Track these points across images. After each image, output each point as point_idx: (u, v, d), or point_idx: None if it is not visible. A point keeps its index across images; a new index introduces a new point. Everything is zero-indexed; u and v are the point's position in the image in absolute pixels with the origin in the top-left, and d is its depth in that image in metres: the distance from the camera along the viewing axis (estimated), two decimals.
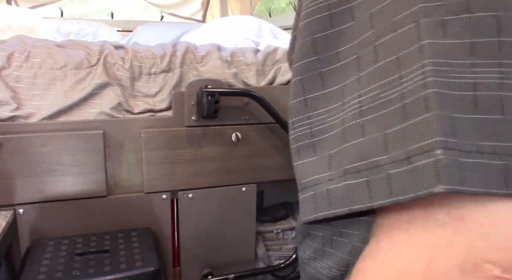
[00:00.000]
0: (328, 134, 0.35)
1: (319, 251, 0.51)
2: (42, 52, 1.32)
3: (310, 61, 0.36)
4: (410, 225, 0.30)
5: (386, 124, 0.29)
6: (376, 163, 0.30)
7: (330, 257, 0.48)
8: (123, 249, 1.21)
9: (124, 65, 1.36)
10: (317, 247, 0.51)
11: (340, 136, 0.33)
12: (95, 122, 1.30)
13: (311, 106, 0.36)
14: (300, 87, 0.37)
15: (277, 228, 1.60)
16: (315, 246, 0.51)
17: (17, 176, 1.25)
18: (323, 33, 0.35)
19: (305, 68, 0.36)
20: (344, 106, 0.33)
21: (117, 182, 1.35)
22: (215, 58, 1.46)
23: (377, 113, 0.30)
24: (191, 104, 1.37)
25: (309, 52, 0.36)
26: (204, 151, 1.41)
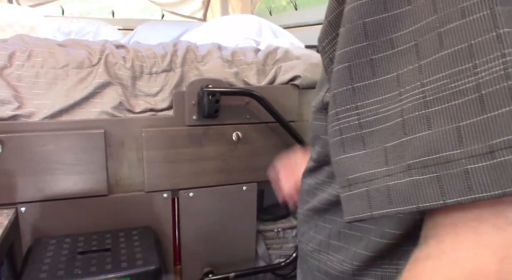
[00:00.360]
0: (382, 125, 0.32)
1: (324, 243, 0.52)
2: (44, 51, 1.32)
3: (360, 47, 0.33)
4: (479, 224, 0.28)
5: (458, 116, 0.27)
6: (448, 158, 0.28)
7: (339, 250, 0.50)
8: (124, 248, 1.22)
9: (125, 64, 1.37)
10: (322, 239, 0.52)
11: (398, 128, 0.31)
12: (96, 121, 1.31)
13: (360, 95, 0.34)
14: (347, 74, 0.34)
15: (278, 227, 1.61)
16: (320, 238, 0.52)
17: (19, 174, 1.25)
18: (375, 17, 0.32)
19: (353, 54, 0.34)
20: (401, 96, 0.31)
21: (118, 181, 1.36)
22: (215, 58, 1.46)
23: (446, 104, 0.28)
24: (192, 103, 1.37)
25: (358, 37, 0.33)
26: (205, 150, 1.41)
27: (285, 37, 2.01)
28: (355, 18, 0.33)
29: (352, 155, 0.34)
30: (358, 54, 0.33)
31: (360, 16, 0.33)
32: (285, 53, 1.55)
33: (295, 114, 1.49)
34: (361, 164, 0.33)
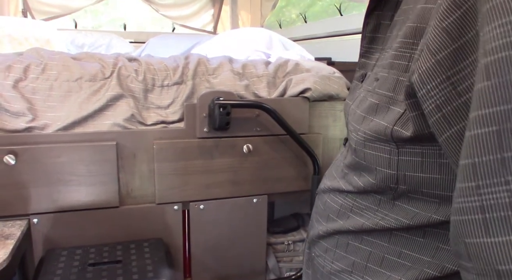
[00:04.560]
0: None
1: (359, 265, 0.50)
2: (58, 64, 1.34)
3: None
4: None
5: None
6: None
7: (378, 275, 0.48)
8: (135, 260, 1.22)
9: (138, 77, 1.38)
10: (357, 261, 0.50)
11: None
12: (108, 133, 1.32)
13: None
14: (494, 141, 0.28)
15: (288, 240, 1.60)
16: (353, 260, 0.51)
17: (32, 186, 1.27)
18: None
19: (504, 116, 0.27)
20: None
21: (129, 192, 1.37)
22: (226, 70, 1.48)
23: None
24: (203, 116, 1.38)
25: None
26: (215, 163, 1.42)
27: (295, 50, 2.02)
28: (505, 71, 0.27)
29: (502, 241, 0.28)
30: (508, 117, 0.27)
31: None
32: (295, 66, 1.56)
33: (305, 126, 1.50)
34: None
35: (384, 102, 0.43)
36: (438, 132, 0.36)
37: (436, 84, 0.34)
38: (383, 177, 0.45)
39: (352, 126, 0.49)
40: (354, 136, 0.47)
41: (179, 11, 3.66)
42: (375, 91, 0.45)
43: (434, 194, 0.42)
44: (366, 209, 0.50)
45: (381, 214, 0.48)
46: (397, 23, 0.47)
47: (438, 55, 0.34)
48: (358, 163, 0.49)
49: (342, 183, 0.54)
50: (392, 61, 0.43)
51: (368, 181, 0.48)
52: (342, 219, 0.53)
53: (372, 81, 0.47)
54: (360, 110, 0.48)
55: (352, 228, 0.51)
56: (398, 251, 0.46)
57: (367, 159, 0.47)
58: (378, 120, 0.43)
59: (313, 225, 0.62)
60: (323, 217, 0.57)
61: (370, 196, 0.49)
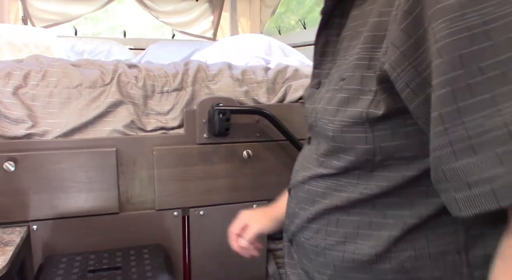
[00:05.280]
0: (489, 135, 0.40)
1: (351, 235, 0.59)
2: (58, 71, 1.35)
3: (458, 74, 0.42)
4: None
5: None
6: None
7: (369, 237, 0.58)
8: (134, 266, 1.22)
9: (137, 83, 1.39)
10: (348, 231, 0.60)
11: (505, 136, 0.39)
12: (108, 139, 1.32)
13: (465, 113, 0.42)
14: (450, 96, 0.42)
15: None
16: (345, 231, 0.60)
17: (32, 192, 1.27)
18: (466, 50, 0.42)
19: (453, 80, 0.42)
20: (500, 112, 0.40)
21: (129, 198, 1.37)
22: (226, 77, 1.48)
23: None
24: (203, 122, 1.38)
25: (456, 66, 0.43)
26: (215, 169, 1.42)
27: (295, 56, 2.03)
28: (450, 51, 0.42)
29: (465, 162, 0.42)
30: (457, 80, 0.42)
31: (455, 50, 0.41)
32: (294, 72, 1.57)
33: (305, 132, 1.49)
34: (476, 168, 0.41)
35: (354, 94, 0.54)
36: (409, 102, 0.48)
37: (403, 68, 0.47)
38: (362, 152, 0.55)
39: (326, 119, 0.59)
40: (331, 126, 0.58)
41: (179, 18, 3.68)
42: (343, 88, 0.56)
43: (404, 157, 0.54)
44: (348, 184, 0.59)
45: (363, 185, 0.57)
46: (345, 37, 0.60)
47: (400, 49, 0.47)
48: (337, 148, 0.58)
49: (322, 169, 0.62)
50: (356, 62, 0.54)
51: (348, 159, 0.57)
52: (328, 198, 0.61)
53: (337, 81, 0.58)
54: (332, 105, 0.58)
55: (340, 203, 0.60)
56: (382, 213, 0.57)
57: (346, 141, 0.56)
58: (351, 108, 0.54)
59: (295, 217, 0.69)
60: (308, 203, 0.65)
61: (350, 173, 0.59)
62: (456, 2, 0.41)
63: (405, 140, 0.53)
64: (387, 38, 0.49)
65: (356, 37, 0.57)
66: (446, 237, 0.54)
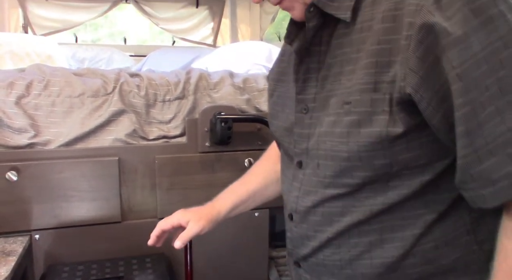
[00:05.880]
0: (499, 141, 0.49)
1: (376, 241, 0.63)
2: (60, 80, 1.35)
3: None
4: None
5: None
6: None
7: (394, 239, 0.62)
8: (137, 275, 1.22)
9: (140, 92, 1.39)
10: (372, 239, 0.63)
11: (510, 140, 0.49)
12: (110, 148, 1.33)
13: (483, 132, 0.51)
14: (472, 113, 0.51)
15: None
16: (369, 240, 0.63)
17: (34, 202, 1.27)
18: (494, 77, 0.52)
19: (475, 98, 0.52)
20: (504, 120, 0.50)
21: (131, 207, 1.37)
22: (227, 85, 1.49)
23: None
24: (205, 130, 1.39)
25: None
26: (217, 177, 1.42)
27: None
28: (465, 76, 0.50)
29: (488, 164, 0.50)
30: (474, 99, 0.50)
31: (469, 74, 0.50)
32: None
33: None
34: (496, 168, 0.50)
35: (365, 116, 0.58)
36: (431, 118, 0.55)
37: (424, 90, 0.53)
38: (379, 167, 0.59)
39: (335, 141, 0.61)
40: (344, 147, 0.60)
41: (179, 25, 3.69)
42: (351, 111, 0.59)
43: (418, 165, 0.59)
44: (366, 198, 0.62)
45: (382, 197, 0.61)
46: (334, 64, 0.64)
47: (419, 73, 0.53)
48: (351, 167, 0.61)
49: (332, 190, 0.64)
50: (361, 87, 0.58)
51: (364, 176, 0.61)
52: (348, 215, 0.64)
53: (340, 105, 0.61)
54: (341, 128, 0.60)
55: (362, 218, 0.63)
56: (401, 216, 0.61)
57: (363, 160, 0.60)
58: (366, 129, 0.58)
59: (307, 241, 0.69)
60: (325, 225, 0.66)
61: (366, 188, 0.62)
62: (463, 34, 0.49)
63: (420, 150, 0.58)
64: (400, 64, 0.55)
65: (350, 62, 0.61)
66: (456, 223, 0.61)
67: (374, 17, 0.58)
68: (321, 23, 0.64)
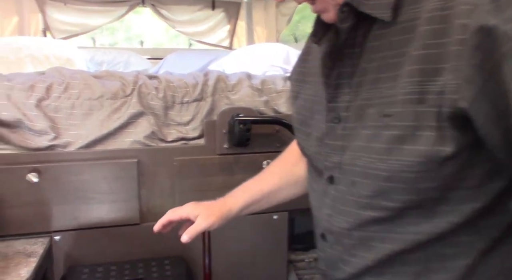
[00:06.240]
0: None
1: (422, 271, 0.57)
2: (80, 83, 1.36)
3: None
4: None
5: None
6: None
7: (443, 270, 0.56)
8: (156, 278, 1.21)
9: (158, 94, 1.39)
10: (418, 268, 0.57)
11: None
12: (129, 150, 1.33)
13: None
14: None
15: (309, 257, 1.58)
16: (414, 269, 0.57)
17: (54, 203, 1.28)
18: None
19: None
20: None
21: (150, 209, 1.37)
22: (245, 87, 1.48)
23: None
24: (223, 132, 1.38)
25: None
26: (236, 179, 1.41)
27: None
28: None
29: None
30: None
31: None
32: None
33: None
34: None
35: (409, 131, 0.51)
36: (489, 135, 0.48)
37: (480, 104, 0.46)
38: (425, 190, 0.52)
39: (373, 158, 0.55)
40: (384, 166, 0.53)
41: (195, 27, 3.70)
42: (392, 125, 0.52)
43: (469, 186, 0.52)
44: (408, 225, 0.55)
45: (428, 224, 0.55)
46: (370, 69, 0.57)
47: (474, 85, 0.46)
48: (391, 188, 0.54)
49: (370, 212, 0.58)
50: (403, 97, 0.51)
51: (406, 199, 0.54)
52: (388, 242, 0.58)
53: (379, 117, 0.54)
54: (380, 143, 0.54)
55: (404, 246, 0.56)
56: (450, 243, 0.55)
57: (406, 181, 0.52)
58: (410, 146, 0.51)
59: (342, 264, 0.64)
60: (361, 250, 0.61)
61: (407, 213, 0.55)
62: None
63: (472, 172, 0.52)
64: (450, 73, 0.48)
65: (390, 68, 0.54)
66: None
67: (419, 16, 0.51)
68: (355, 23, 0.57)
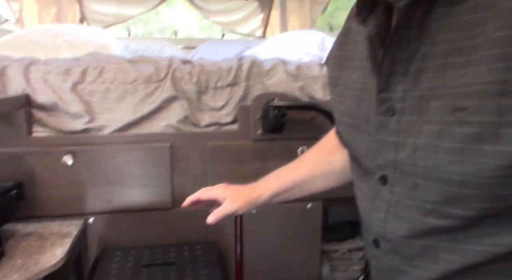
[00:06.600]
0: None
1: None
2: (114, 67, 1.36)
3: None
4: None
5: None
6: None
7: None
8: (188, 262, 1.20)
9: (191, 79, 1.38)
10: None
11: None
12: (162, 135, 1.32)
13: None
14: None
15: (343, 248, 1.54)
16: None
17: (89, 186, 1.28)
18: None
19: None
20: None
21: (182, 194, 1.34)
22: (281, 72, 1.44)
23: None
24: (257, 117, 1.35)
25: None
26: (269, 165, 1.36)
27: None
28: None
29: None
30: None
31: None
32: None
33: None
34: None
35: (489, 128, 0.43)
36: None
37: None
38: (507, 198, 0.45)
39: (442, 159, 0.47)
40: (457, 169, 0.46)
41: (229, 17, 3.68)
42: (467, 121, 0.44)
43: None
44: (484, 235, 0.48)
45: (510, 235, 0.47)
46: (434, 54, 0.49)
47: None
48: (464, 194, 0.47)
49: (434, 220, 0.51)
50: (481, 88, 0.43)
51: (482, 208, 0.47)
52: (458, 254, 0.51)
53: (449, 111, 0.46)
54: (451, 142, 0.46)
55: (478, 260, 0.49)
56: None
57: (484, 187, 0.45)
58: (491, 146, 0.43)
59: (399, 275, 0.58)
60: (424, 260, 0.54)
61: (485, 222, 0.48)
62: None
63: None
64: None
65: (461, 53, 0.46)
66: None
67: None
68: (413, 1, 0.48)
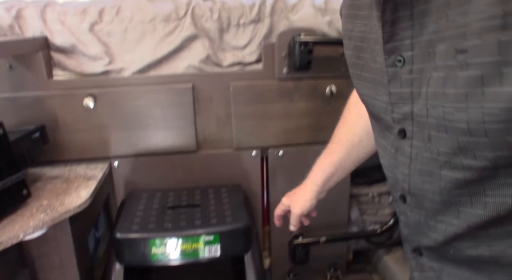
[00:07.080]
0: None
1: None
2: (132, 5, 1.30)
3: None
4: None
5: None
6: None
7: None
8: (213, 204, 1.19)
9: (212, 16, 1.30)
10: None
11: None
12: (184, 75, 1.27)
13: None
14: None
15: (373, 191, 1.49)
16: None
17: (112, 129, 1.27)
18: None
19: None
20: None
21: (206, 137, 1.32)
22: (307, 6, 1.34)
23: None
24: (282, 55, 1.28)
25: None
26: (295, 106, 1.32)
27: None
28: None
29: None
30: None
31: None
32: None
33: None
34: None
35: (490, 69, 0.39)
36: None
37: None
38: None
39: (450, 107, 0.44)
40: (463, 116, 0.43)
41: None
42: (469, 63, 0.41)
43: None
44: (505, 186, 0.45)
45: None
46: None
47: None
48: (473, 143, 0.44)
49: (450, 172, 0.49)
50: (481, 24, 0.39)
51: (494, 156, 0.44)
52: (479, 208, 0.49)
53: (452, 55, 0.43)
54: (455, 88, 0.43)
55: (503, 212, 0.47)
56: None
57: (491, 134, 0.42)
58: (494, 88, 0.39)
59: (427, 230, 0.56)
60: (448, 215, 0.53)
61: (501, 172, 0.45)
62: None
63: None
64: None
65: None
66: None
67: None
68: None
